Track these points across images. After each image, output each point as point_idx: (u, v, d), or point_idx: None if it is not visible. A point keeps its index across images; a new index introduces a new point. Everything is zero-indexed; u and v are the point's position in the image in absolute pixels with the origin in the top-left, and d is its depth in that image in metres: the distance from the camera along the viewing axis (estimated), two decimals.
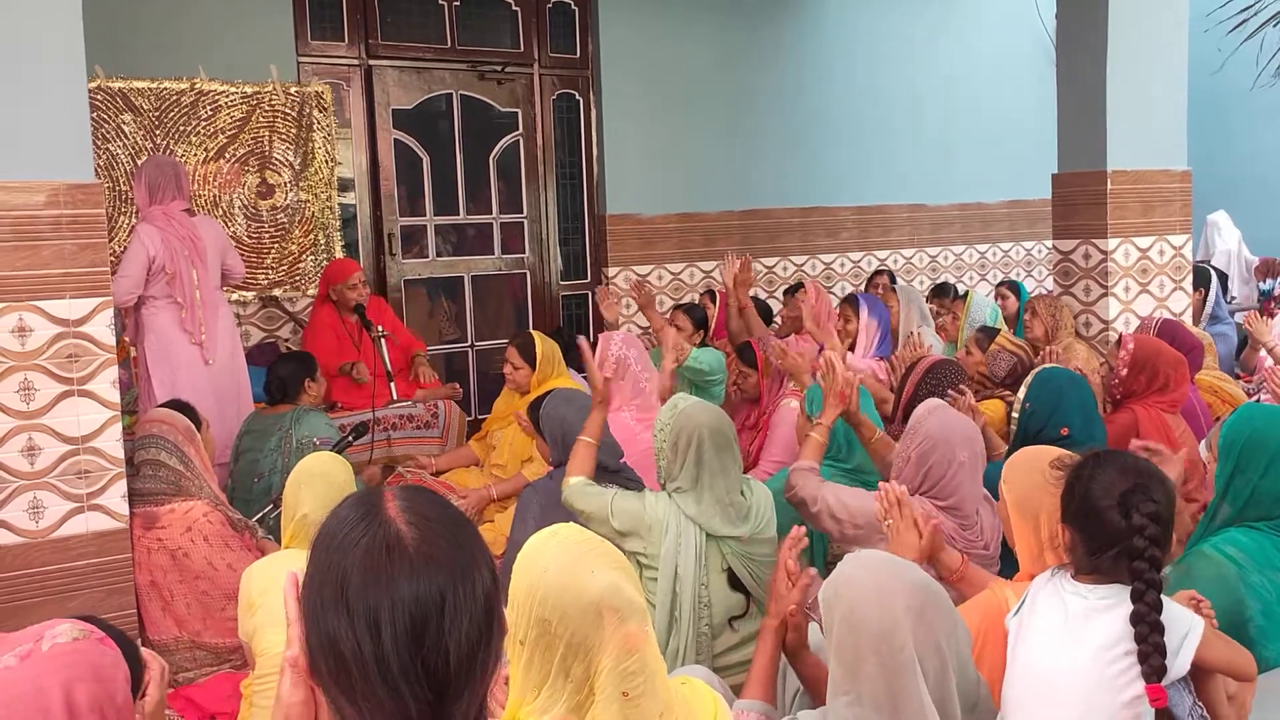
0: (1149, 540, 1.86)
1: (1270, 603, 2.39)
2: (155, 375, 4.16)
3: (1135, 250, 5.14)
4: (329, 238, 5.71)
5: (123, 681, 1.60)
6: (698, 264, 6.98)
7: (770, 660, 2.22)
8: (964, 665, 1.69)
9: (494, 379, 6.00)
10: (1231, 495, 2.50)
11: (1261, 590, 2.38)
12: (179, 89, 5.25)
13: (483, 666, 1.10)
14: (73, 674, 1.51)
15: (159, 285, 4.15)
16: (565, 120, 6.67)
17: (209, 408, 4.04)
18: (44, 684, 1.48)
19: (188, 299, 4.19)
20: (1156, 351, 3.81)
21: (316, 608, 1.09)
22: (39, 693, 1.48)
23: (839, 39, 7.45)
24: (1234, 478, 2.49)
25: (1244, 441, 2.49)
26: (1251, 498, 2.47)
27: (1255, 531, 2.46)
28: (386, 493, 1.17)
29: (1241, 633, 2.27)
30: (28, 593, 3.05)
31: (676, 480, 2.78)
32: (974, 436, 2.89)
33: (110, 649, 1.61)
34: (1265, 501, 2.46)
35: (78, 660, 1.53)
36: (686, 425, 2.75)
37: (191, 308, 4.20)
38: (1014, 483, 2.29)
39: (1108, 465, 1.99)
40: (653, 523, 2.75)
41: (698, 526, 2.74)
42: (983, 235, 8.32)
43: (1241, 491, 2.48)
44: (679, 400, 2.89)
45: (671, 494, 2.80)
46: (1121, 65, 5.02)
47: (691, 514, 2.74)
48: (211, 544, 3.33)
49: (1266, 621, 2.37)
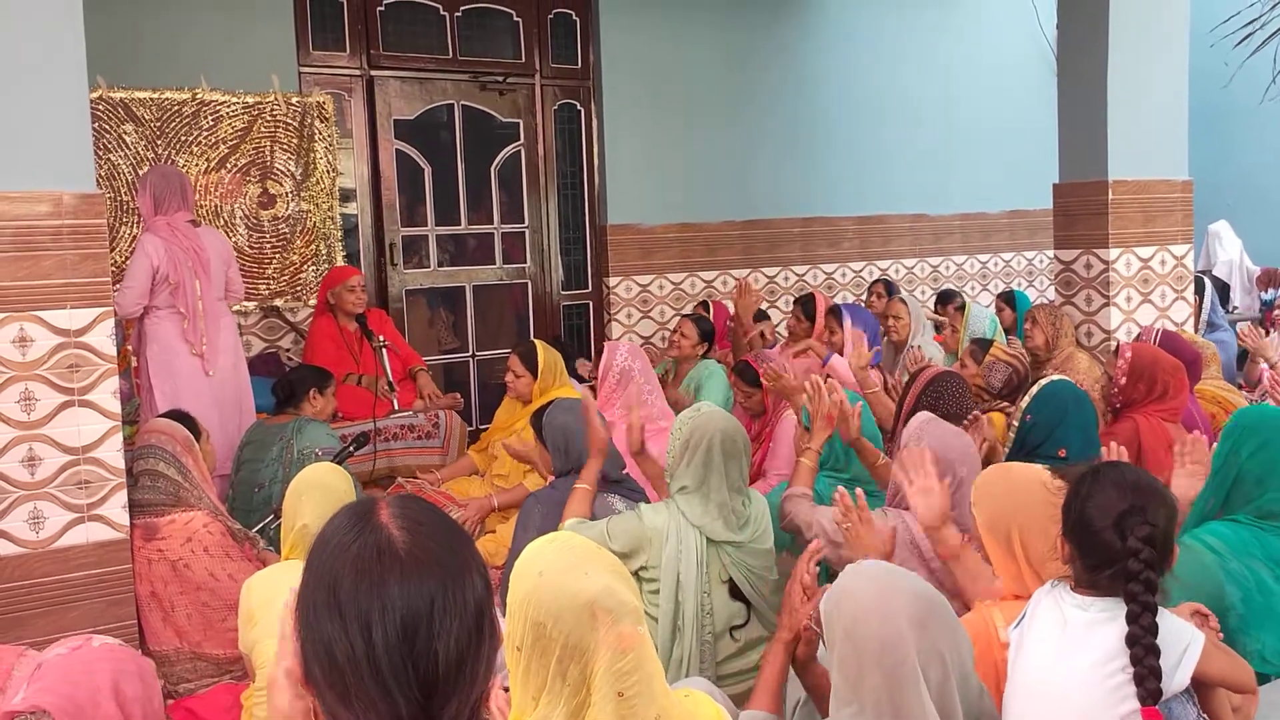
0: (1144, 564, 1.85)
1: (1250, 590, 2.45)
2: (157, 385, 4.15)
3: (1137, 260, 5.14)
4: (330, 248, 5.72)
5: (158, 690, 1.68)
6: (699, 274, 6.98)
7: (779, 672, 2.21)
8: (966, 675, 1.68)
9: (495, 389, 5.99)
10: (1220, 477, 2.62)
11: (1240, 579, 2.44)
12: (181, 99, 5.26)
13: (473, 670, 1.12)
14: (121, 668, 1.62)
15: (162, 296, 4.15)
16: (566, 130, 6.68)
17: (210, 418, 4.02)
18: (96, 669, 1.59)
19: (190, 309, 4.18)
20: (1154, 359, 3.83)
21: (310, 613, 1.11)
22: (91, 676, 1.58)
23: (840, 50, 7.46)
24: (1227, 458, 2.63)
25: (1244, 425, 2.65)
26: (1237, 478, 2.59)
27: (1235, 524, 2.54)
28: (380, 501, 1.19)
29: (1223, 622, 2.29)
30: (28, 604, 3.04)
31: (682, 479, 2.80)
32: (970, 451, 2.89)
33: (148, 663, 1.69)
34: (1248, 482, 2.58)
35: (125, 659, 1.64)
36: (702, 426, 2.79)
37: (194, 318, 4.20)
38: (983, 505, 2.27)
39: (1106, 483, 1.97)
40: (651, 534, 2.76)
41: (698, 532, 2.75)
42: (984, 245, 8.32)
43: (1230, 472, 2.61)
44: (702, 405, 2.94)
45: (675, 494, 2.81)
46: (1122, 75, 5.02)
47: (692, 516, 2.76)
48: (212, 555, 3.33)
49: (1247, 610, 2.43)
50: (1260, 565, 2.49)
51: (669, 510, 2.80)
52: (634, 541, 2.76)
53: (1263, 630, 2.29)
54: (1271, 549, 2.51)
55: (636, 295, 6.78)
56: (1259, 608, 2.44)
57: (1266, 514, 2.57)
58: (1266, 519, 2.56)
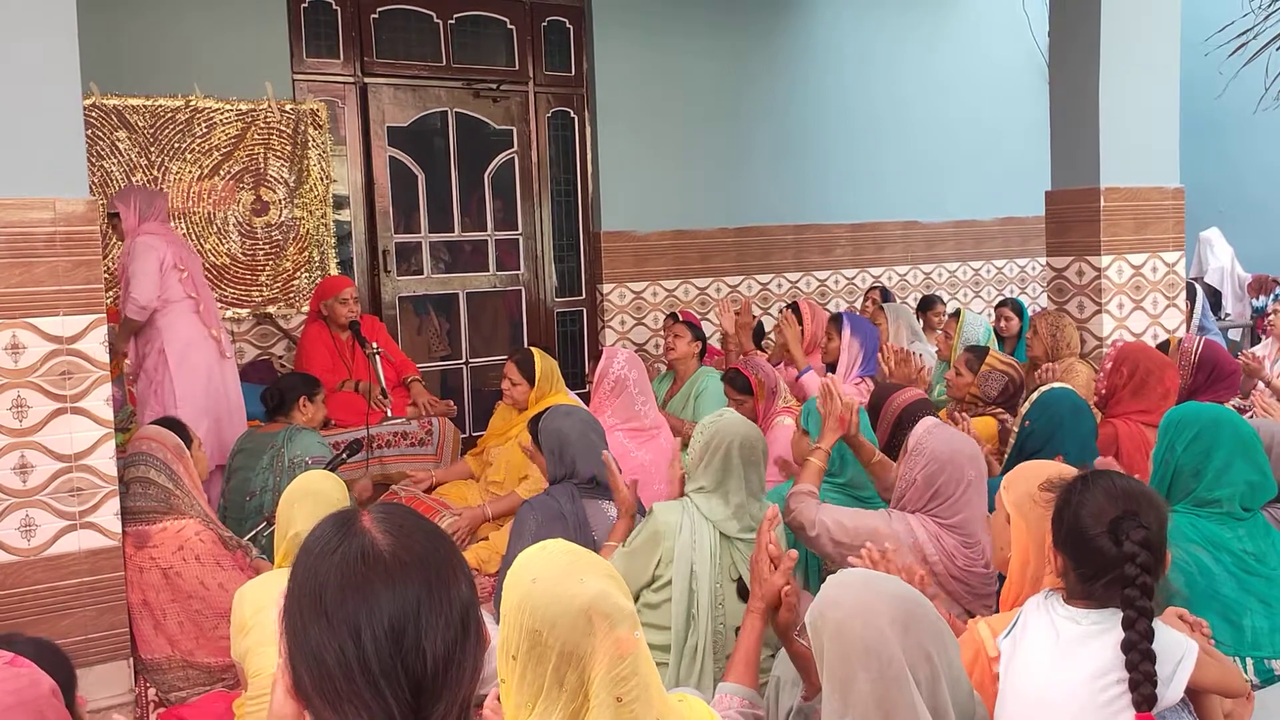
0: (1140, 568, 1.85)
1: (1192, 574, 2.50)
2: (179, 384, 4.24)
3: (1129, 267, 5.16)
4: (324, 255, 5.71)
5: (47, 694, 1.55)
6: (692, 281, 6.99)
7: (754, 643, 2.22)
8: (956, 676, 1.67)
9: (488, 396, 5.99)
10: (1160, 474, 2.70)
11: (1182, 564, 2.49)
12: (174, 106, 5.25)
13: (460, 669, 1.13)
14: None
15: (174, 288, 4.25)
16: (560, 137, 6.68)
17: (228, 406, 4.32)
18: None
19: (202, 292, 4.32)
20: (1141, 349, 3.96)
21: (297, 621, 1.12)
22: None
23: (833, 57, 7.48)
24: (1165, 454, 2.71)
25: (1176, 421, 2.73)
26: (1175, 472, 2.67)
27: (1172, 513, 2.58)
28: (363, 510, 1.21)
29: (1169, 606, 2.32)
30: (19, 612, 3.03)
31: (700, 480, 2.85)
32: (978, 454, 2.91)
33: (24, 666, 1.55)
34: (1185, 474, 2.65)
35: (7, 697, 1.46)
36: (724, 430, 2.86)
37: (209, 302, 4.37)
38: (1015, 487, 2.32)
39: (1097, 489, 1.97)
40: (664, 528, 2.80)
41: (711, 525, 2.79)
42: (976, 252, 8.34)
43: (1168, 468, 2.69)
44: (725, 411, 2.98)
45: (692, 493, 2.86)
46: (1114, 82, 5.04)
47: (708, 512, 2.81)
48: (203, 563, 3.32)
49: (1191, 592, 2.48)
50: (1199, 549, 2.55)
51: (683, 506, 2.84)
52: (651, 539, 2.79)
53: (1207, 611, 2.35)
54: (1208, 533, 2.58)
55: (630, 302, 6.78)
56: (1202, 590, 2.50)
57: (1203, 502, 2.63)
58: (1203, 507, 2.63)
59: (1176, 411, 2.82)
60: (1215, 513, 2.61)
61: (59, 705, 1.55)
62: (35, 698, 1.52)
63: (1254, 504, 2.64)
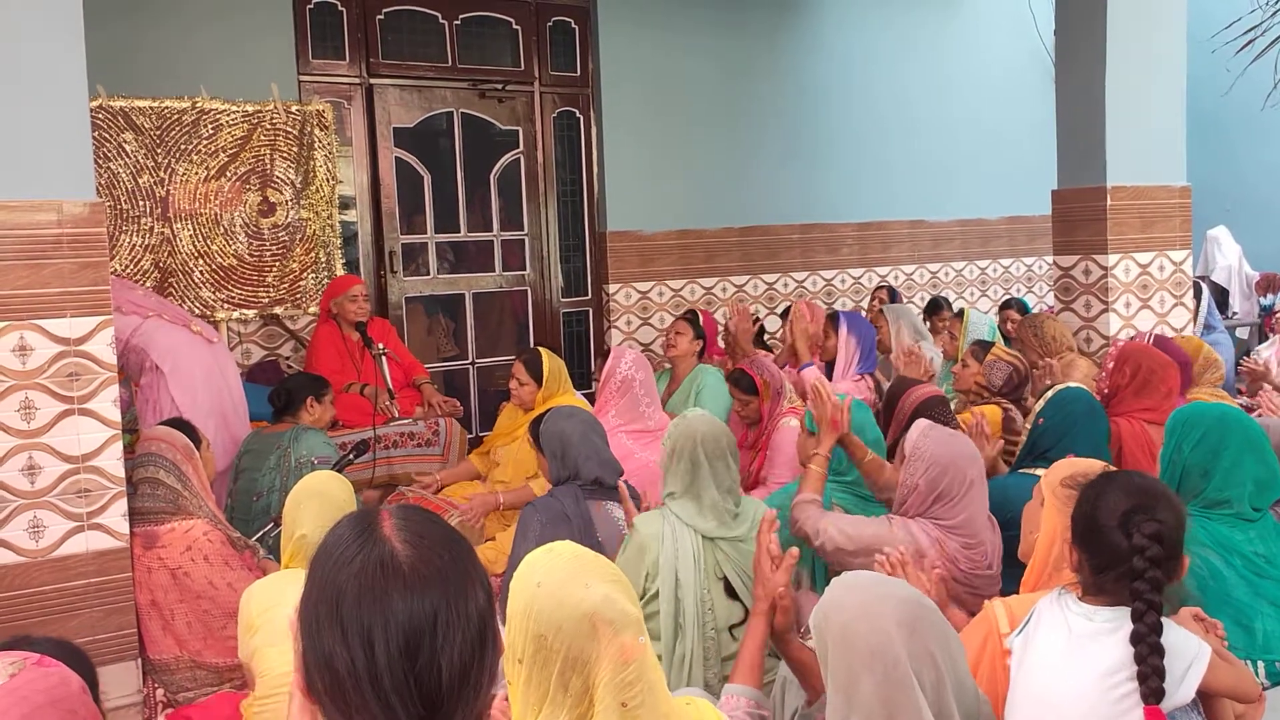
0: (1150, 561, 1.85)
1: (1204, 578, 2.50)
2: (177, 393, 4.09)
3: (1135, 266, 5.15)
4: (330, 255, 5.71)
5: (78, 692, 1.55)
6: (698, 280, 6.99)
7: (759, 644, 2.23)
8: (961, 679, 1.67)
9: (495, 396, 5.99)
10: (1169, 475, 2.69)
11: (1195, 568, 2.47)
12: (180, 108, 5.26)
13: (476, 684, 1.12)
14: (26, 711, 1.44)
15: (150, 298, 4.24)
16: (566, 138, 6.68)
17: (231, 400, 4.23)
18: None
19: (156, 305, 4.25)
20: (1143, 349, 3.91)
21: (312, 625, 1.11)
22: None
23: (839, 56, 7.47)
24: (1172, 455, 2.71)
25: (1183, 421, 2.73)
26: (1183, 473, 2.66)
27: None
28: (383, 511, 1.19)
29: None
30: (27, 613, 3.04)
31: (671, 485, 2.84)
32: (976, 454, 2.91)
33: (52, 666, 1.56)
34: (1194, 475, 2.64)
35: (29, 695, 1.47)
36: (685, 431, 2.83)
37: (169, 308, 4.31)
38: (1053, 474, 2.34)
39: (1115, 485, 1.99)
40: (647, 540, 2.79)
41: (692, 531, 2.77)
42: (983, 251, 8.33)
43: (1176, 468, 2.68)
44: (688, 412, 2.96)
45: (667, 500, 2.84)
46: (1121, 81, 5.03)
47: (685, 517, 2.79)
48: (212, 563, 3.32)
49: (1203, 596, 2.46)
50: (1210, 552, 2.54)
51: (662, 515, 2.83)
52: (638, 552, 2.77)
53: (1220, 615, 2.34)
54: (1219, 535, 2.57)
55: (636, 302, 6.78)
56: (1214, 593, 2.49)
57: (1213, 503, 2.62)
58: (1213, 508, 2.62)
59: (1183, 412, 2.81)
60: (1225, 514, 2.60)
61: (89, 702, 1.56)
62: (66, 695, 1.53)
63: (1263, 503, 2.63)
